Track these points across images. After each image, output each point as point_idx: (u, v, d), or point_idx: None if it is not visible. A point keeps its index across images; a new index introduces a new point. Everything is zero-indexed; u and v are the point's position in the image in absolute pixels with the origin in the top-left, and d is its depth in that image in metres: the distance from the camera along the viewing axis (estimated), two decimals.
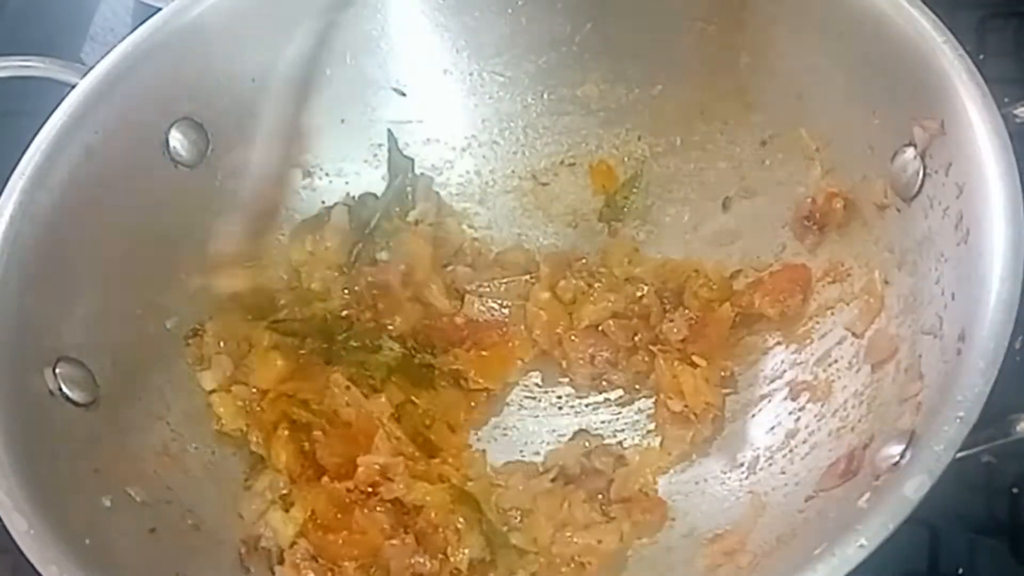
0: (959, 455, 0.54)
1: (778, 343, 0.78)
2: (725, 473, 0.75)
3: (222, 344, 0.79)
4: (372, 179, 0.88)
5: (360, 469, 0.74)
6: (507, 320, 0.84)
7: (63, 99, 0.73)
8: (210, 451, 0.76)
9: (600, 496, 0.76)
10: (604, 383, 0.82)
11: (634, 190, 0.87)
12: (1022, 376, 0.60)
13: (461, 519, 0.73)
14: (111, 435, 0.69)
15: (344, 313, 0.83)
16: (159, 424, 0.74)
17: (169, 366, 0.77)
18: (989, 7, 0.94)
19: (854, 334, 0.73)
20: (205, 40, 0.78)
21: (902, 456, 0.57)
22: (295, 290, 0.84)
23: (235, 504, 0.75)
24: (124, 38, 0.76)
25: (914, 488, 0.52)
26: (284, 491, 0.75)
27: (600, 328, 0.82)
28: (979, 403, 0.54)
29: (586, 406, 0.82)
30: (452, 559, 0.72)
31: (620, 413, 0.81)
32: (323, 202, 0.87)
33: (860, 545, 0.51)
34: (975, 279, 0.59)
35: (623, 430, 0.80)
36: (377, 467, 0.74)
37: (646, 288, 0.82)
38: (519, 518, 0.75)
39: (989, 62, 0.89)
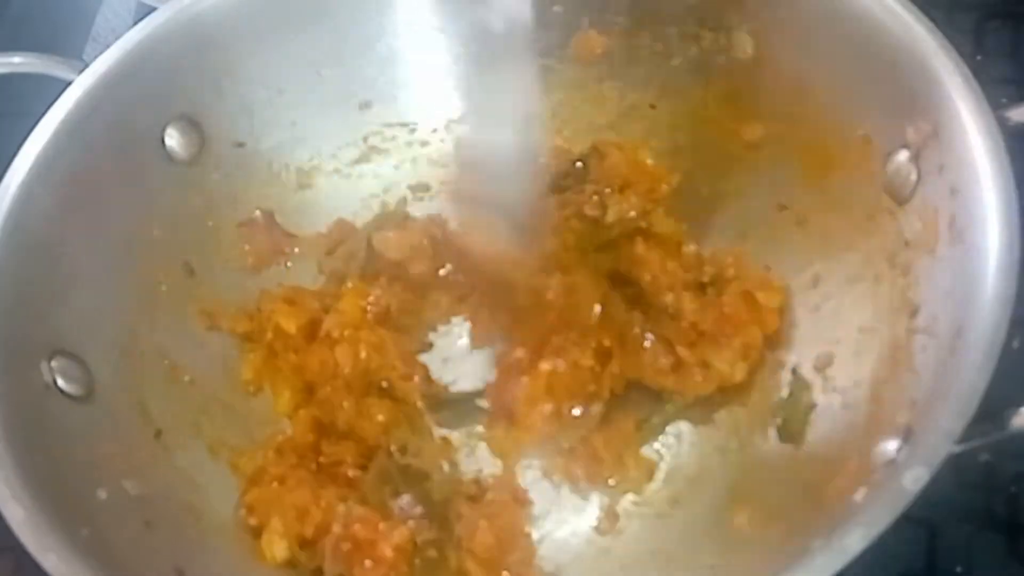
0: (956, 449, 0.54)
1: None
2: None
3: None
4: (369, 181, 0.88)
5: None
6: None
7: (60, 95, 0.73)
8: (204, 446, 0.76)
9: None
10: None
11: None
12: (1019, 373, 0.60)
13: None
14: (106, 428, 0.69)
15: None
16: (154, 418, 0.73)
17: (163, 360, 0.77)
18: (987, 8, 0.95)
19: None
20: (202, 39, 0.79)
21: (898, 451, 0.58)
22: None
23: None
24: None
25: (912, 480, 0.53)
26: None
27: None
28: (975, 396, 0.55)
29: None
30: None
31: None
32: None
33: (859, 536, 0.51)
34: (970, 277, 0.59)
35: None
36: None
37: None
38: None
39: (986, 63, 0.89)
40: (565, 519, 0.75)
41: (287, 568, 0.72)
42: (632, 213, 0.82)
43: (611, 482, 0.75)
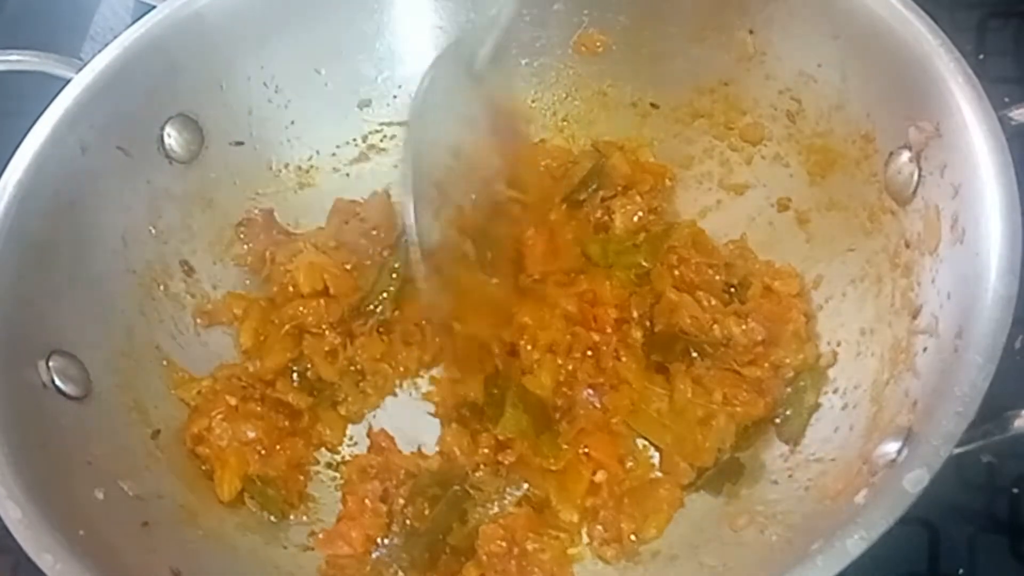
0: (957, 451, 0.54)
1: None
2: None
3: None
4: (368, 180, 0.88)
5: None
6: None
7: (58, 93, 0.73)
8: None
9: None
10: None
11: None
12: (1021, 375, 0.60)
13: None
14: (103, 428, 0.69)
15: None
16: (150, 418, 0.73)
17: (161, 360, 0.77)
18: (989, 7, 0.94)
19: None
20: (201, 37, 0.79)
21: (899, 453, 0.58)
22: None
23: None
24: None
25: (913, 482, 0.52)
26: None
27: None
28: (977, 398, 0.55)
29: None
30: None
31: None
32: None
33: (859, 537, 0.51)
34: (971, 278, 0.59)
35: None
36: None
37: None
38: None
39: (989, 62, 0.89)
40: None
41: (236, 504, 0.74)
42: (639, 214, 0.82)
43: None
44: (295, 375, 0.80)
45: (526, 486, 0.75)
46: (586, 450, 0.74)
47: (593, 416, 0.76)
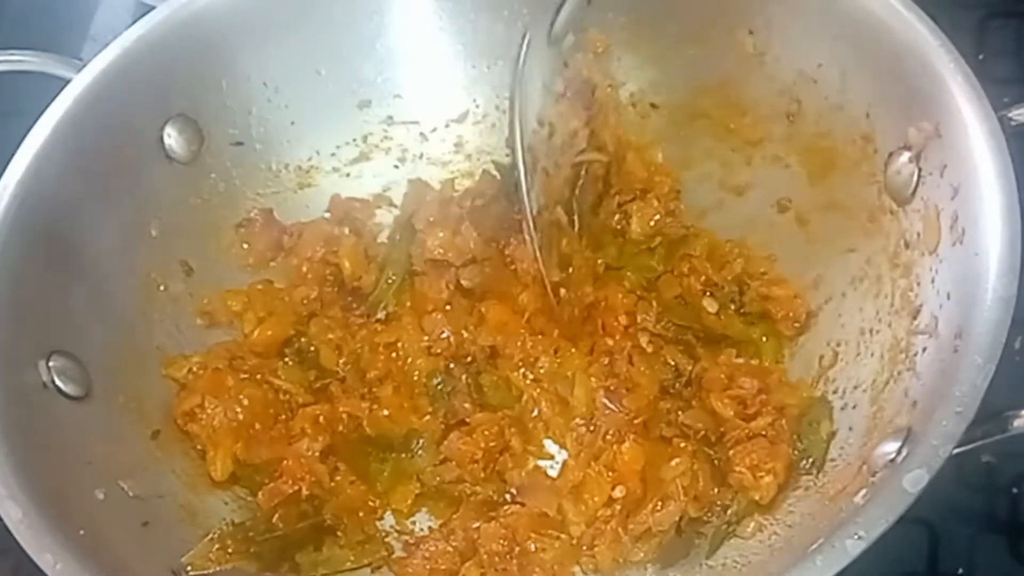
0: (956, 451, 0.54)
1: None
2: None
3: None
4: (368, 180, 0.88)
5: None
6: None
7: (59, 93, 0.73)
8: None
9: None
10: None
11: None
12: (1021, 375, 0.60)
13: None
14: (103, 428, 0.69)
15: None
16: (151, 418, 0.73)
17: (161, 360, 0.77)
18: (989, 7, 0.95)
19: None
20: (201, 38, 0.79)
21: (899, 453, 0.58)
22: None
23: None
24: None
25: (912, 482, 0.53)
26: None
27: None
28: (976, 398, 0.55)
29: None
30: None
31: None
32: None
33: (859, 537, 0.51)
34: (971, 278, 0.59)
35: None
36: None
37: None
38: None
39: (989, 62, 0.89)
40: None
41: (229, 485, 0.73)
42: (656, 218, 0.82)
43: None
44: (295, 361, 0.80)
45: None
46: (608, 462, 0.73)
47: (614, 423, 0.75)
